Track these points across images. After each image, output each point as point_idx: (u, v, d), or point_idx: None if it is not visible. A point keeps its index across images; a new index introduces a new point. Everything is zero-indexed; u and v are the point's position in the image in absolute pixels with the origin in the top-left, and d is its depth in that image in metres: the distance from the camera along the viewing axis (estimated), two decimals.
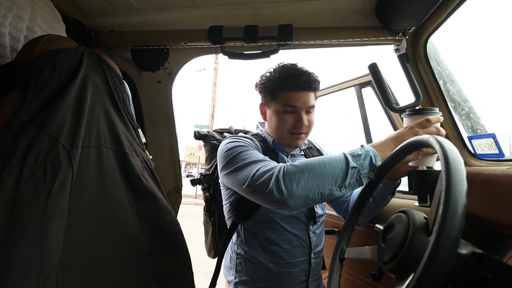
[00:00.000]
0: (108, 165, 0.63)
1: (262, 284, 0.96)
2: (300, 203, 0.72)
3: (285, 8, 1.03)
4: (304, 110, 0.95)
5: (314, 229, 1.00)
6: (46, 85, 0.55)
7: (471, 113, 1.05)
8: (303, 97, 0.93)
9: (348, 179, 0.71)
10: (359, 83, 1.53)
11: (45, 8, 0.75)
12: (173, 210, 0.78)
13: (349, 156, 0.73)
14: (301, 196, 0.71)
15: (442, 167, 0.43)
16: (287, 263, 0.95)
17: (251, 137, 1.01)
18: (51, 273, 0.47)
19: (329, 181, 0.71)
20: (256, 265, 0.96)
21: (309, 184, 0.71)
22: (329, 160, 0.73)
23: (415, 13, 0.92)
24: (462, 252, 0.44)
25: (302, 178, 0.71)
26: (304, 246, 0.97)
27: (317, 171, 0.71)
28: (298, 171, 0.72)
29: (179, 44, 1.15)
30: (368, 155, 0.73)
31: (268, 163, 0.80)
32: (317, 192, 0.71)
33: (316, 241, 1.00)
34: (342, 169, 0.71)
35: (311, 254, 0.98)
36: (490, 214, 0.75)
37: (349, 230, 0.78)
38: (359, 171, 0.71)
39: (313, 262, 0.99)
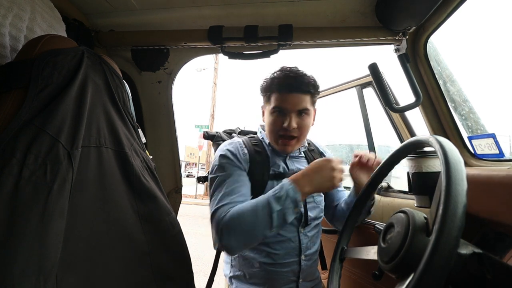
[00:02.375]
0: (108, 165, 0.63)
1: (253, 280, 0.99)
2: (239, 250, 0.84)
3: (285, 8, 1.03)
4: (294, 112, 0.91)
5: (305, 232, 0.98)
6: (46, 85, 0.55)
7: (471, 113, 1.05)
8: (293, 99, 0.91)
9: (275, 222, 0.78)
10: (360, 83, 1.53)
11: (45, 8, 0.75)
12: (173, 210, 0.78)
13: (272, 200, 0.79)
14: (238, 246, 0.81)
15: (442, 167, 0.43)
16: (276, 263, 0.95)
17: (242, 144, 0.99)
18: (51, 273, 0.47)
19: (260, 228, 0.78)
20: (248, 261, 0.99)
21: (242, 236, 0.80)
22: (257, 208, 0.79)
23: (415, 13, 0.92)
24: (462, 252, 0.44)
25: (236, 232, 0.79)
26: (294, 248, 0.96)
27: (248, 223, 0.79)
28: (232, 226, 0.79)
29: (179, 44, 1.15)
30: (288, 196, 0.79)
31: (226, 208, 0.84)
32: (250, 239, 0.81)
33: (307, 243, 0.98)
34: (269, 215, 0.78)
35: (301, 255, 0.97)
36: (490, 214, 0.75)
37: (349, 230, 0.78)
38: (283, 212, 0.78)
39: (304, 264, 0.97)
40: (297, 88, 0.90)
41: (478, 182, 0.77)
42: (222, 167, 0.93)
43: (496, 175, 0.74)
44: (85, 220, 0.57)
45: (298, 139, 0.95)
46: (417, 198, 0.91)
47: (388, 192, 1.33)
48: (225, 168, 0.93)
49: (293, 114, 0.91)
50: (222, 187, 0.89)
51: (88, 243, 0.56)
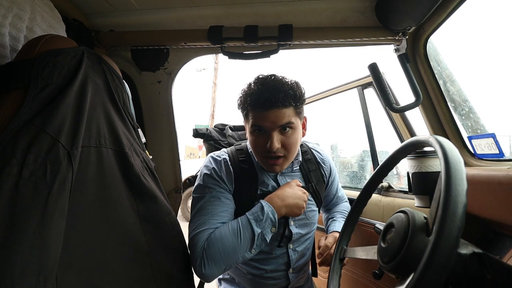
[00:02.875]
0: (108, 165, 0.63)
1: (242, 285, 1.01)
2: (217, 275, 0.79)
3: (285, 8, 1.03)
4: (276, 130, 0.82)
5: (294, 247, 0.97)
6: (46, 85, 0.55)
7: (471, 113, 1.05)
8: (271, 115, 0.80)
9: (255, 243, 0.79)
10: (361, 84, 1.53)
11: (45, 8, 0.75)
12: (173, 210, 0.78)
13: (253, 222, 0.80)
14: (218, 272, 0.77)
15: (442, 167, 0.43)
16: (265, 276, 0.96)
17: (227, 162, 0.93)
18: (51, 273, 0.47)
19: (241, 251, 0.78)
20: (239, 270, 1.00)
21: (223, 262, 0.77)
22: (239, 231, 0.79)
23: (415, 13, 0.92)
24: (462, 252, 0.44)
25: (216, 260, 0.76)
26: (282, 263, 0.96)
27: (229, 248, 0.77)
28: (213, 254, 0.76)
29: (179, 44, 1.15)
30: (268, 217, 0.81)
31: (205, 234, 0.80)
32: (231, 264, 0.78)
33: (296, 258, 0.97)
34: (250, 237, 0.79)
35: (289, 269, 0.97)
36: (490, 214, 0.75)
37: (349, 230, 0.78)
38: (263, 234, 0.80)
39: (292, 276, 0.98)
40: (274, 104, 0.79)
41: (478, 182, 0.77)
42: (205, 187, 0.88)
43: (496, 175, 0.74)
44: (85, 220, 0.57)
45: (286, 158, 0.86)
46: (417, 198, 0.91)
47: (389, 192, 1.34)
48: (208, 189, 0.88)
49: (275, 132, 0.82)
50: (203, 209, 0.84)
51: (88, 243, 0.56)
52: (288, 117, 0.82)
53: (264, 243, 0.81)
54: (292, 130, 0.84)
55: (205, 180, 0.89)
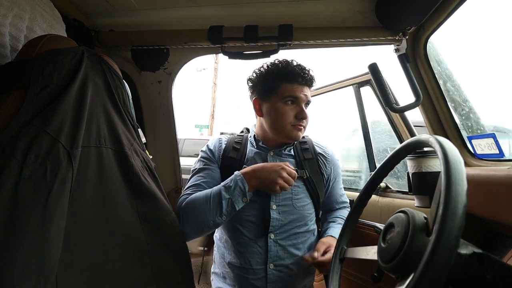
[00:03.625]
0: (108, 165, 0.63)
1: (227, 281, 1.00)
2: (192, 234, 0.88)
3: (285, 8, 1.03)
4: (304, 103, 0.95)
5: (276, 239, 0.93)
6: (46, 85, 0.55)
7: (471, 113, 1.05)
8: (305, 90, 0.95)
9: (224, 208, 0.84)
10: (358, 82, 1.51)
11: (45, 8, 0.75)
12: (173, 210, 0.78)
13: (222, 189, 0.86)
14: (191, 230, 0.86)
15: (442, 167, 0.43)
16: (243, 267, 0.93)
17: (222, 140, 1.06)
18: (51, 273, 0.47)
19: (211, 215, 0.85)
20: (222, 260, 1.01)
21: (195, 222, 0.86)
22: (210, 196, 0.86)
23: (415, 13, 0.92)
24: (462, 252, 0.44)
25: (188, 218, 0.86)
26: (259, 253, 0.92)
27: (199, 209, 0.86)
28: (186, 212, 0.87)
29: (179, 44, 1.15)
30: (237, 185, 0.85)
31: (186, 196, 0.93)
32: (202, 225, 0.86)
33: (278, 252, 0.92)
34: (219, 202, 0.85)
35: (268, 264, 0.92)
36: (490, 214, 0.75)
37: (349, 230, 0.78)
38: (231, 200, 0.85)
39: (272, 273, 0.92)
40: (308, 82, 0.95)
41: (478, 182, 0.77)
42: (199, 161, 1.03)
43: (496, 175, 0.74)
44: (85, 220, 0.57)
45: (305, 129, 0.98)
46: (417, 198, 0.91)
47: (387, 193, 1.33)
48: (200, 162, 1.02)
49: (303, 105, 0.95)
50: (193, 178, 0.99)
51: (88, 243, 0.56)
52: (310, 97, 0.97)
53: (233, 210, 0.85)
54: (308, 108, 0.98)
55: (200, 155, 1.05)
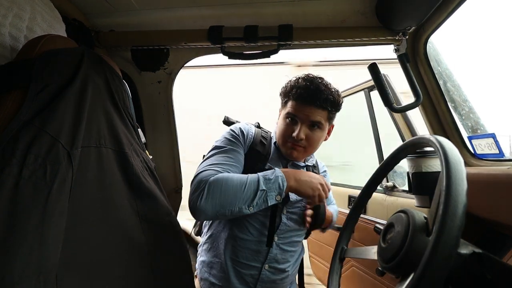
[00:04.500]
0: (108, 165, 0.63)
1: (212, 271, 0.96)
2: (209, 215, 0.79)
3: (285, 8, 1.03)
4: (306, 124, 0.90)
5: (278, 242, 0.94)
6: (46, 85, 0.55)
7: (471, 113, 1.05)
8: (307, 110, 0.89)
9: (256, 199, 0.80)
10: (368, 86, 1.53)
11: (45, 8, 0.75)
12: (173, 210, 0.78)
13: (261, 179, 0.82)
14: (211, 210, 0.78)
15: (442, 167, 0.43)
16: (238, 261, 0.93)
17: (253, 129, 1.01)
18: (51, 273, 0.47)
19: (240, 200, 0.79)
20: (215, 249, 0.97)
21: (220, 202, 0.78)
22: (247, 181, 0.81)
23: (415, 13, 0.92)
24: (462, 252, 0.44)
25: (215, 196, 0.78)
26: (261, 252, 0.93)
27: (232, 191, 0.79)
28: (214, 188, 0.78)
29: (179, 44, 1.15)
30: (277, 180, 0.82)
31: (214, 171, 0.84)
32: (225, 209, 0.79)
33: (277, 255, 0.93)
34: (254, 191, 0.80)
35: (264, 263, 0.93)
36: (490, 214, 0.75)
37: (349, 230, 0.78)
38: (266, 193, 0.81)
39: (265, 274, 0.93)
40: (313, 102, 0.89)
41: (478, 182, 0.77)
42: (227, 139, 0.95)
43: (496, 175, 0.74)
44: (85, 220, 0.57)
45: (306, 150, 0.94)
46: (417, 198, 0.91)
47: (394, 192, 1.34)
48: (230, 142, 0.95)
49: (304, 125, 0.90)
50: (219, 155, 0.91)
51: (88, 243, 0.56)
52: (320, 118, 0.90)
53: (264, 204, 0.81)
54: (318, 129, 0.92)
55: (230, 133, 0.97)
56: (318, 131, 0.92)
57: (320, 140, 0.94)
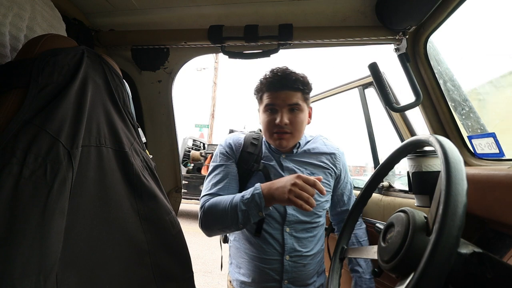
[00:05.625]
0: (108, 164, 0.63)
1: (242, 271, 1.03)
2: (213, 235, 0.96)
3: (285, 7, 1.03)
4: (286, 108, 0.94)
5: (291, 232, 0.98)
6: (46, 84, 0.55)
7: (471, 112, 1.05)
8: (283, 95, 0.94)
9: (240, 219, 0.86)
10: (362, 84, 1.53)
11: (45, 7, 0.75)
12: (173, 210, 0.78)
13: (240, 199, 0.87)
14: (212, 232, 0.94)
15: (442, 167, 0.43)
16: (258, 257, 0.98)
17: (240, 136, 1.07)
18: (51, 272, 0.47)
19: (228, 222, 0.87)
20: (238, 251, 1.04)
21: (214, 225, 0.91)
22: (229, 205, 0.88)
23: (415, 13, 0.92)
24: (462, 251, 0.44)
25: (210, 221, 0.92)
26: (275, 245, 0.97)
27: (219, 216, 0.89)
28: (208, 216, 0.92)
29: (179, 43, 1.15)
30: (254, 199, 0.85)
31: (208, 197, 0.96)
32: (221, 229, 0.92)
33: (293, 244, 0.97)
34: (236, 212, 0.86)
35: (284, 255, 0.96)
36: (490, 213, 0.75)
37: (349, 229, 0.78)
38: (248, 212, 0.85)
39: (288, 264, 0.96)
40: (285, 86, 0.94)
41: (478, 182, 0.77)
42: (217, 157, 1.04)
43: (496, 175, 0.74)
44: (85, 220, 0.57)
45: (293, 135, 0.96)
46: (417, 198, 0.91)
47: (389, 192, 1.34)
48: (219, 159, 1.03)
49: (284, 110, 0.94)
50: (212, 176, 1.01)
51: (88, 243, 0.56)
52: (296, 99, 0.94)
53: (249, 222, 0.86)
54: (299, 111, 0.96)
55: (219, 150, 1.06)
56: (299, 113, 0.95)
57: (303, 122, 0.97)
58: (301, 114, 0.96)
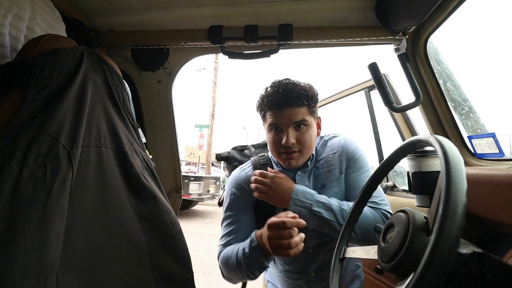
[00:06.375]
0: (108, 165, 0.63)
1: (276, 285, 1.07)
2: (235, 282, 0.97)
3: (285, 7, 1.03)
4: (291, 127, 0.87)
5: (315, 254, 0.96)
6: (46, 84, 0.55)
7: (471, 112, 1.05)
8: (286, 114, 0.87)
9: (249, 272, 0.84)
10: (368, 86, 1.54)
11: (45, 7, 0.75)
12: (173, 210, 0.78)
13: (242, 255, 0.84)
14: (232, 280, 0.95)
15: (442, 167, 0.43)
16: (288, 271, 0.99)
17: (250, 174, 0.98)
18: (51, 273, 0.47)
19: (238, 274, 0.86)
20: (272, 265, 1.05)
21: (230, 276, 0.92)
22: (236, 260, 0.85)
23: (415, 13, 0.92)
24: (462, 251, 0.44)
25: (225, 272, 0.92)
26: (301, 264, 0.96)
27: (231, 269, 0.88)
28: (222, 267, 0.93)
29: (179, 43, 1.15)
30: (251, 255, 0.82)
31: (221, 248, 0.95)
32: (236, 279, 0.93)
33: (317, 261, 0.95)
34: (242, 268, 0.84)
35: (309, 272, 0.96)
36: (490, 213, 0.75)
37: (349, 229, 0.78)
38: (251, 267, 0.83)
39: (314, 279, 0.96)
40: (288, 103, 0.86)
41: (478, 182, 0.77)
42: (228, 206, 0.99)
43: (496, 175, 0.74)
44: (85, 220, 0.57)
45: (302, 153, 0.90)
46: (417, 198, 0.91)
47: (393, 191, 1.34)
48: (230, 207, 0.98)
49: (290, 129, 0.87)
50: (225, 226, 0.98)
51: (88, 243, 0.56)
52: (302, 115, 0.88)
53: (255, 274, 0.85)
54: (306, 127, 0.89)
55: (229, 198, 1.00)
56: (306, 129, 0.89)
57: (311, 137, 0.91)
58: (309, 130, 0.90)
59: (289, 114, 0.87)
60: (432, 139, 0.50)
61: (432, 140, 0.50)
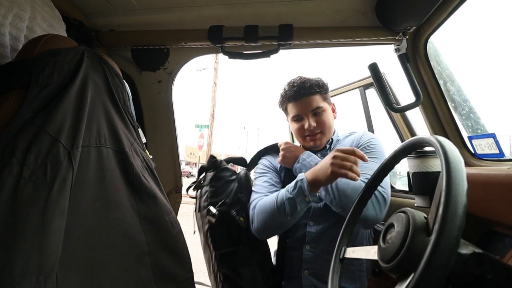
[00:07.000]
0: (108, 164, 0.63)
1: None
2: (264, 235, 1.00)
3: (285, 8, 1.03)
4: (310, 113, 1.02)
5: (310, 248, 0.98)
6: (46, 84, 0.55)
7: (471, 113, 1.05)
8: (304, 102, 1.02)
9: (287, 208, 0.89)
10: (363, 84, 1.53)
11: (45, 7, 0.75)
12: (173, 210, 0.78)
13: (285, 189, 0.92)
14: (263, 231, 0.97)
15: (442, 167, 0.43)
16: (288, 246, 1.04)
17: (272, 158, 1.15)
18: (51, 272, 0.47)
19: (276, 215, 0.91)
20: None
21: (264, 223, 0.94)
22: (276, 198, 0.92)
23: (415, 13, 0.92)
24: (462, 252, 0.44)
25: (259, 219, 0.95)
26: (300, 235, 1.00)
27: (268, 211, 0.93)
28: (257, 214, 0.97)
29: (179, 43, 1.15)
30: (297, 186, 0.89)
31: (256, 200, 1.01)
32: (271, 226, 0.94)
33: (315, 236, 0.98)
34: (282, 202, 0.90)
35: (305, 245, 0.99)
36: (490, 214, 0.75)
37: (349, 230, 0.78)
38: (294, 200, 0.88)
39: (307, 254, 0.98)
40: (304, 93, 1.02)
41: (478, 182, 0.77)
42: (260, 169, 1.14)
43: (496, 175, 0.74)
44: (85, 220, 0.57)
45: (323, 133, 1.04)
46: (417, 198, 0.90)
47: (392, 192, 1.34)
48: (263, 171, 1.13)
49: (310, 115, 1.02)
50: (258, 182, 1.09)
51: (88, 243, 0.56)
52: (316, 102, 1.03)
53: (295, 210, 0.89)
54: (322, 112, 1.04)
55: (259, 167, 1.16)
56: (323, 113, 1.03)
57: (329, 120, 1.05)
58: (325, 114, 1.04)
59: (305, 103, 1.02)
60: (432, 140, 0.50)
61: (432, 140, 0.50)
